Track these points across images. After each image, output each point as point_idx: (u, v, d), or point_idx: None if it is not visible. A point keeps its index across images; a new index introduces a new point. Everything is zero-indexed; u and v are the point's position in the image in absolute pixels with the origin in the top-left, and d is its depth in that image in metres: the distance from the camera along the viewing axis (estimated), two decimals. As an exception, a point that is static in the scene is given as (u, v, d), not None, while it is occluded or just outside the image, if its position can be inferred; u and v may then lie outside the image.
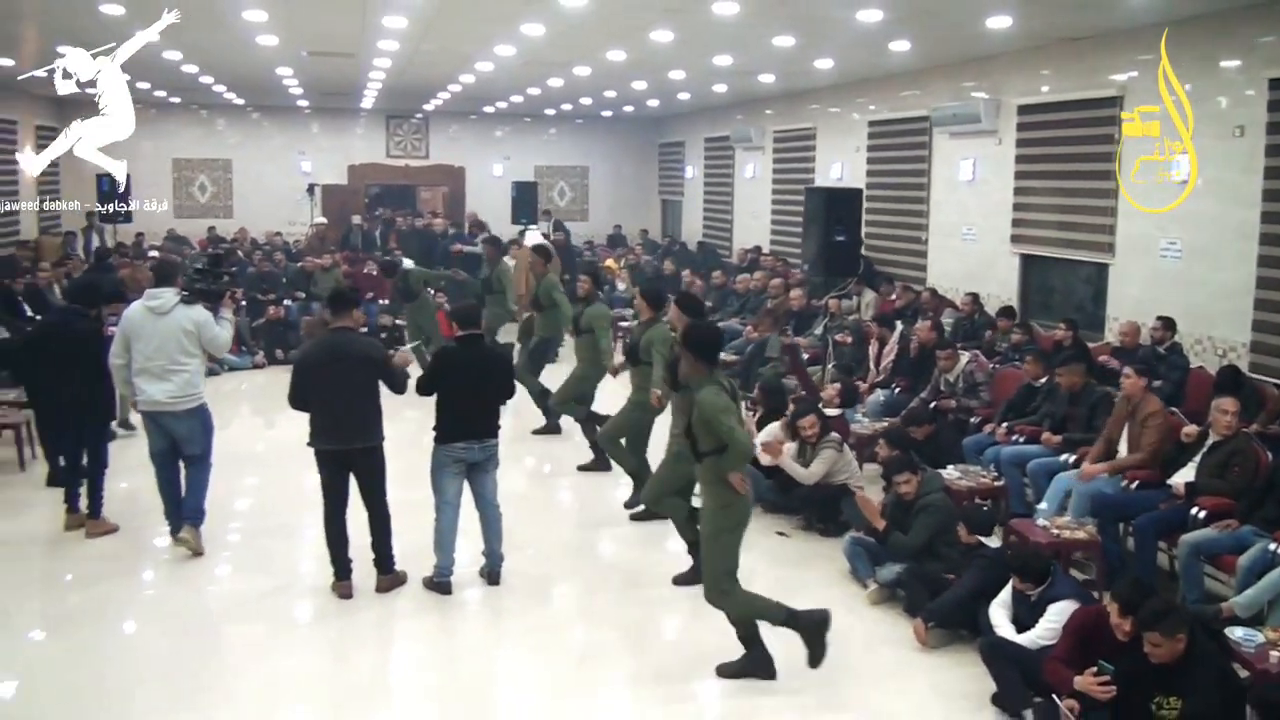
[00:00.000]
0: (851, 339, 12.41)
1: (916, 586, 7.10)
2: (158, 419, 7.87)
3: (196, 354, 7.82)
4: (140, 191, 22.65)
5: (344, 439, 7.14)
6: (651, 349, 8.68)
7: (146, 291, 7.92)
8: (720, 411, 5.86)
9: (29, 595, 7.49)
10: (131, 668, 6.39)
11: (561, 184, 27.22)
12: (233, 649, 6.71)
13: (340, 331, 7.26)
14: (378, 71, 17.37)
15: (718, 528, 6.13)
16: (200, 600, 7.44)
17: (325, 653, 6.69)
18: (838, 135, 17.62)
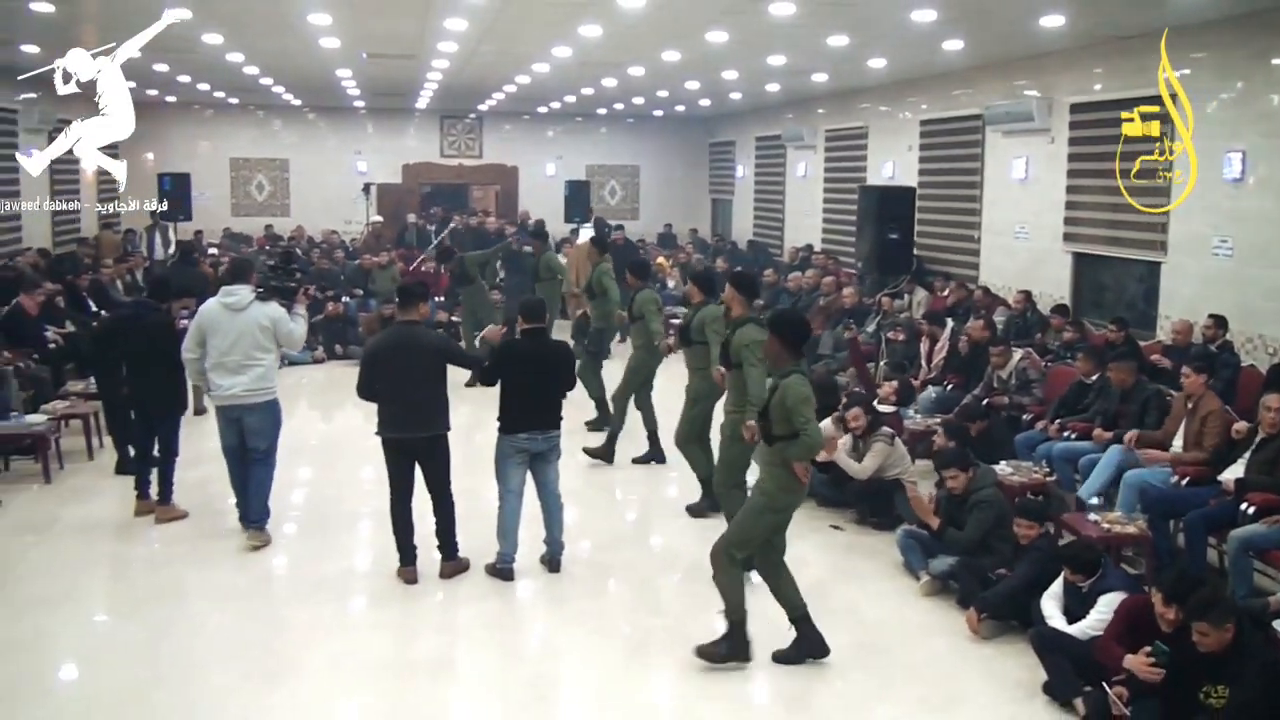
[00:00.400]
0: (904, 336, 12.51)
1: (969, 579, 7.22)
2: (230, 412, 8.08)
3: (271, 349, 8.05)
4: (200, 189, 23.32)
5: (411, 428, 7.36)
6: (705, 328, 8.85)
7: (222, 289, 8.13)
8: (802, 401, 6.03)
9: (99, 578, 7.82)
10: (202, 647, 6.63)
11: (612, 183, 27.43)
12: (300, 629, 6.93)
13: (408, 325, 7.49)
14: (435, 72, 17.68)
15: (764, 505, 6.30)
16: (267, 584, 7.71)
17: (390, 634, 6.90)
18: (890, 134, 17.69)
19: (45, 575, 7.76)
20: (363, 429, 11.73)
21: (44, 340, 12.52)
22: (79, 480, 10.00)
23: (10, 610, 7.15)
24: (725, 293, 8.10)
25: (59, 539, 8.57)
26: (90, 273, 15.84)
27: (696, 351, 9.00)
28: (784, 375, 6.21)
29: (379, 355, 7.43)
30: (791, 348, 6.30)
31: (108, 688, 6.15)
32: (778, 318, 6.56)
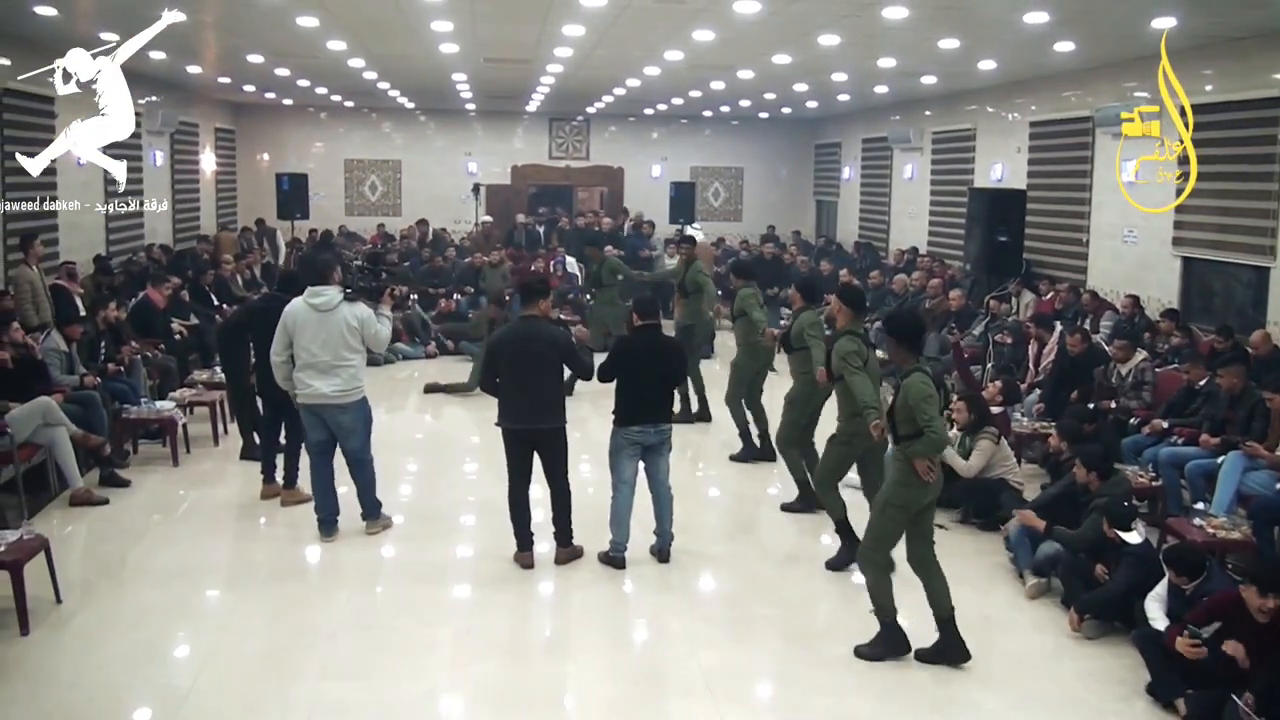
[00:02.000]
0: (1011, 339, 12.54)
1: (1073, 580, 7.30)
2: (319, 412, 8.17)
3: (360, 350, 8.17)
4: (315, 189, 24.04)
5: (532, 419, 7.65)
6: (804, 334, 8.96)
7: (308, 289, 8.19)
8: (924, 399, 6.20)
9: (227, 554, 8.28)
10: (329, 620, 6.99)
11: (716, 185, 27.58)
12: (422, 608, 7.25)
13: (530, 319, 7.77)
14: (548, 77, 18.01)
15: (889, 500, 6.47)
16: (388, 566, 8.05)
17: (507, 615, 7.22)
18: (997, 135, 17.62)
19: (176, 550, 8.20)
20: (470, 421, 12.27)
21: (170, 331, 13.14)
22: (205, 465, 10.49)
23: (145, 580, 7.60)
24: (832, 304, 8.23)
25: (188, 518, 9.07)
26: (211, 269, 16.45)
27: (798, 357, 9.11)
28: (906, 375, 6.38)
29: (502, 348, 7.72)
30: (909, 346, 6.48)
31: (241, 653, 6.55)
32: (891, 319, 6.76)
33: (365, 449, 8.39)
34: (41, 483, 9.39)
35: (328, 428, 8.23)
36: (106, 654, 6.47)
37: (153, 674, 6.28)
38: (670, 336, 8.37)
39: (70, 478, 9.15)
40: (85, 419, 9.66)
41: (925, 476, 6.30)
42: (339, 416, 8.17)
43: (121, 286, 14.42)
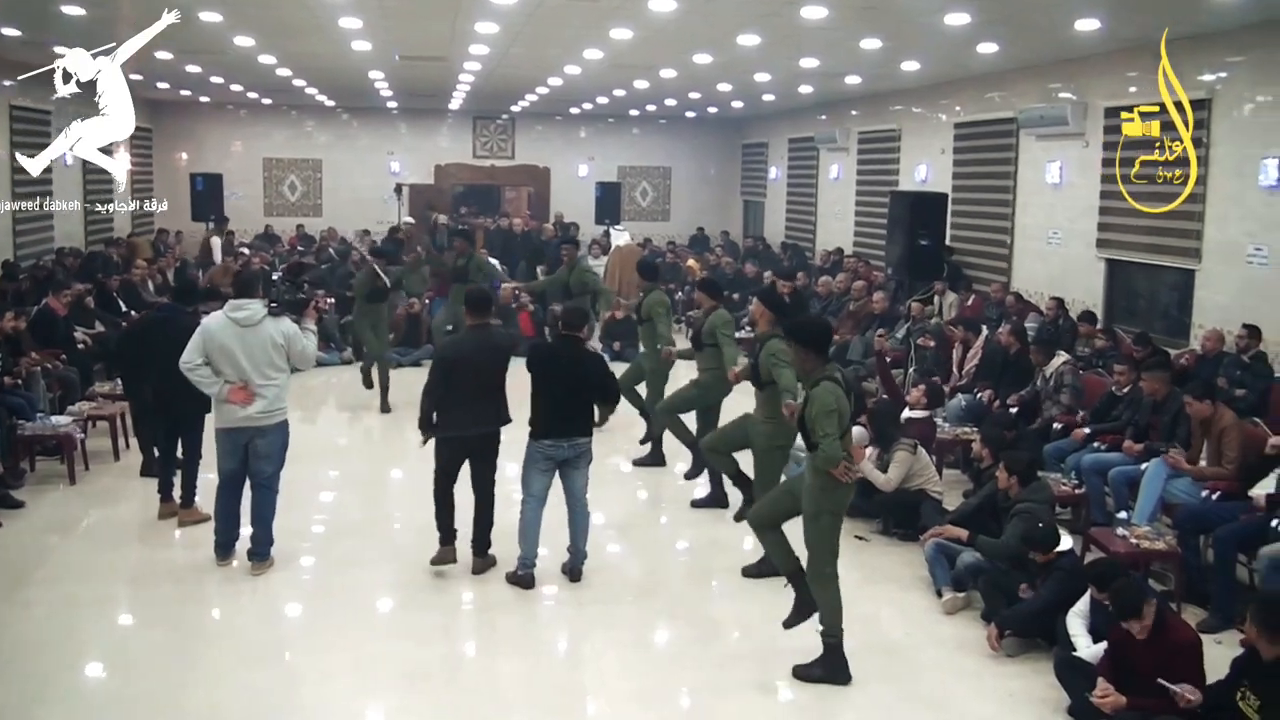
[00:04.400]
0: (934, 342, 12.40)
1: (994, 594, 7.11)
2: (240, 436, 7.62)
3: (285, 368, 7.67)
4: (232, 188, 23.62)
5: (477, 425, 7.53)
6: (715, 333, 9.03)
7: (229, 303, 7.63)
8: (823, 414, 6.00)
9: (125, 581, 7.80)
10: (227, 650, 6.62)
11: (644, 184, 27.37)
12: (325, 633, 6.93)
13: (479, 329, 7.66)
14: (467, 74, 17.70)
15: (819, 508, 6.29)
16: (289, 587, 7.68)
17: (411, 638, 6.86)
18: (923, 136, 17.56)
19: (69, 577, 7.76)
20: (387, 431, 11.91)
21: (73, 341, 12.59)
22: (104, 482, 10.03)
23: (36, 611, 7.16)
24: (753, 307, 8.12)
25: (82, 540, 8.62)
26: (119, 274, 15.89)
27: (708, 354, 9.18)
28: (815, 384, 6.18)
29: (456, 359, 7.54)
30: (815, 353, 6.26)
31: (137, 690, 6.16)
32: (794, 326, 6.55)
33: (276, 478, 7.87)
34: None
35: (243, 456, 7.72)
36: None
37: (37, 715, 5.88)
38: (592, 351, 8.01)
39: (-46, 499, 8.70)
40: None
41: (843, 479, 6.14)
42: (257, 439, 7.65)
43: (26, 293, 13.85)
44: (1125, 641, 5.70)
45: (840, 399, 6.08)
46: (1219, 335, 10.44)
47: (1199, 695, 5.31)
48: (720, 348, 8.97)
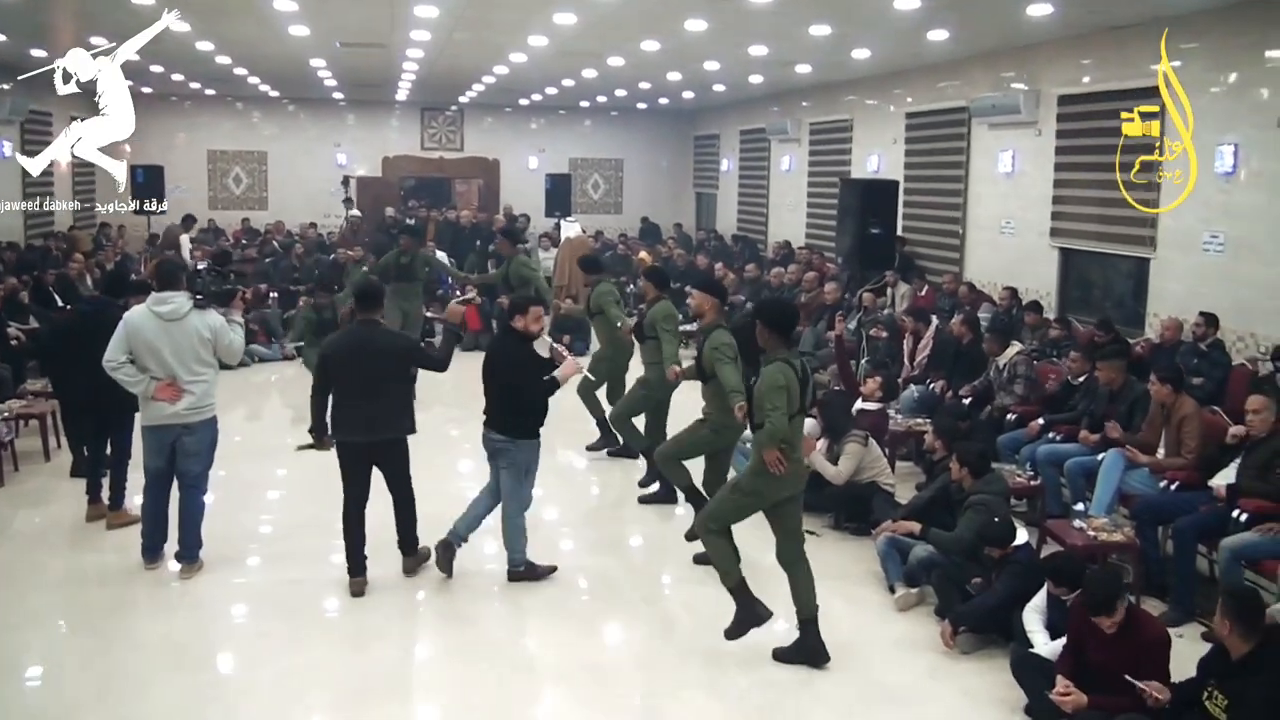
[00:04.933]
0: (886, 333, 12.20)
1: (948, 589, 6.91)
2: (166, 434, 7.28)
3: (213, 363, 7.32)
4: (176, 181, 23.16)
5: (370, 431, 7.00)
6: (656, 325, 8.87)
7: (152, 295, 7.27)
8: (773, 389, 5.94)
9: (52, 586, 7.41)
10: (153, 659, 6.30)
11: (595, 176, 27.10)
12: (253, 641, 6.65)
13: (367, 324, 7.09)
14: (411, 63, 17.38)
15: (739, 484, 6.35)
16: (222, 592, 7.32)
17: (346, 646, 6.56)
18: (875, 127, 17.40)
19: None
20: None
21: (4, 336, 12.15)
22: (34, 483, 9.64)
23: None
24: (695, 297, 7.87)
25: (6, 544, 8.22)
26: (54, 267, 15.41)
27: (650, 347, 9.03)
28: (769, 362, 6.10)
29: (335, 356, 7.03)
30: (779, 334, 6.16)
31: (54, 701, 5.87)
32: (761, 306, 6.50)
33: (204, 477, 7.53)
34: None
35: (169, 454, 7.36)
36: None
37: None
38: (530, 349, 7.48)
39: None
40: None
41: (772, 469, 6.02)
42: (184, 437, 7.29)
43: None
44: (1086, 637, 5.49)
45: (790, 378, 5.98)
46: (1177, 324, 10.33)
47: (1168, 694, 5.10)
48: (663, 341, 8.80)
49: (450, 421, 11.28)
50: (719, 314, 7.62)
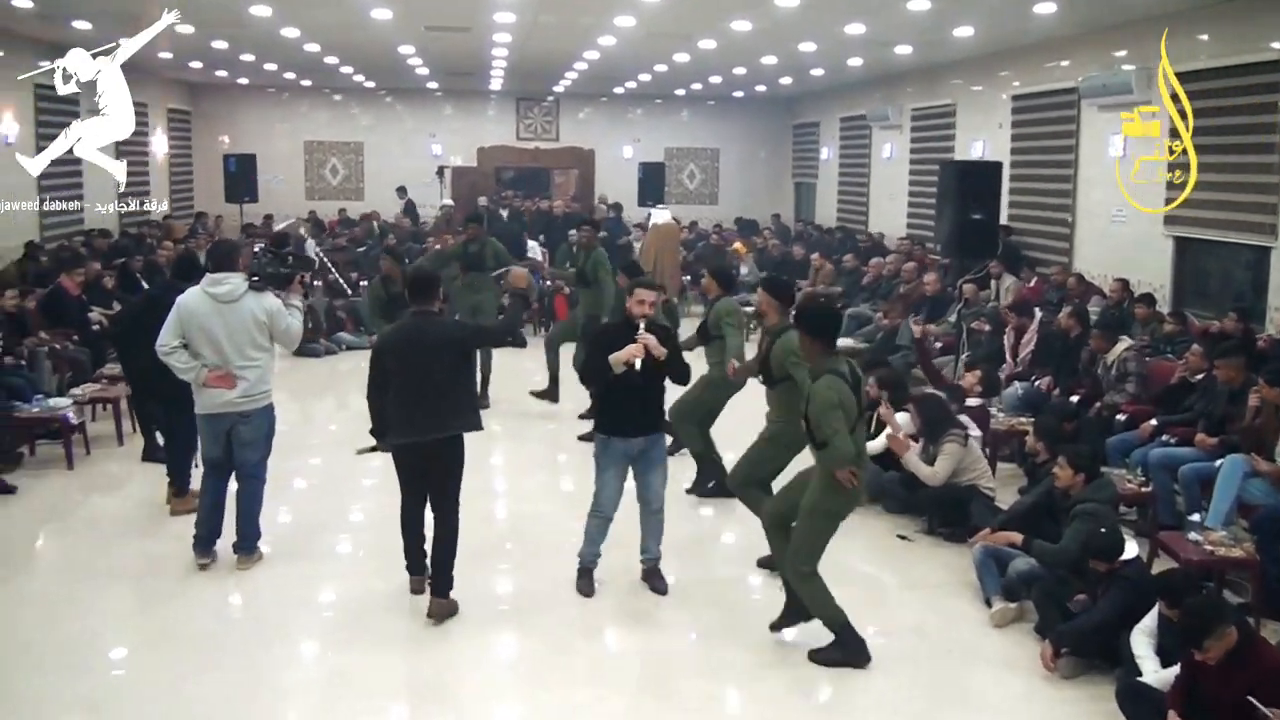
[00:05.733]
0: (989, 327, 11.54)
1: (1050, 606, 6.32)
2: (221, 422, 7.04)
3: (269, 347, 7.05)
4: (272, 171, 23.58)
5: (426, 429, 6.36)
6: (720, 322, 8.27)
7: (207, 277, 7.00)
8: (826, 409, 5.53)
9: (112, 574, 7.24)
10: (190, 654, 6.07)
11: (691, 166, 26.57)
12: (299, 639, 6.37)
13: (421, 315, 6.48)
14: (499, 48, 17.06)
15: (815, 505, 5.88)
16: (277, 585, 7.01)
17: (408, 646, 6.25)
18: (979, 112, 16.64)
19: (50, 571, 7.41)
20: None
21: (87, 321, 12.12)
22: (105, 467, 9.56)
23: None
24: (757, 297, 7.34)
25: (66, 531, 8.15)
26: (141, 254, 15.40)
27: (715, 347, 8.42)
28: (816, 377, 5.70)
29: (388, 351, 6.46)
30: (821, 341, 5.74)
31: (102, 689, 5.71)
32: (801, 312, 6.06)
33: (262, 466, 7.26)
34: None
35: (226, 442, 7.11)
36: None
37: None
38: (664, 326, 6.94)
39: (-69, 486, 8.33)
40: None
41: (847, 484, 5.66)
42: (241, 425, 7.04)
43: (47, 273, 13.41)
44: (1201, 666, 4.89)
45: (842, 391, 5.59)
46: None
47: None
48: (727, 338, 8.22)
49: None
50: (781, 316, 7.07)
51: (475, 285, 12.02)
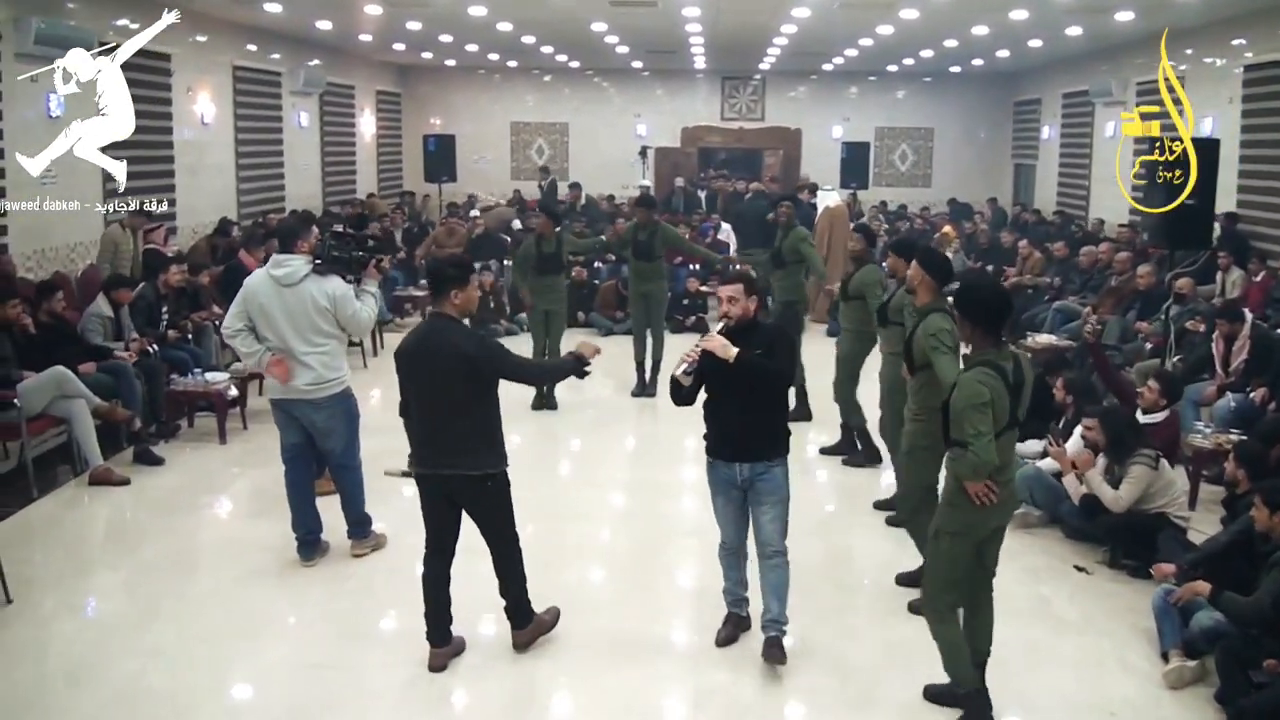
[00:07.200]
0: (1205, 326, 10.27)
1: (1234, 671, 5.34)
2: (290, 409, 6.78)
3: (335, 333, 6.72)
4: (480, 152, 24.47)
5: (440, 461, 5.49)
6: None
7: (273, 258, 6.82)
8: (972, 405, 4.69)
9: (209, 555, 7.27)
10: (285, 647, 5.68)
11: (903, 147, 25.40)
12: (398, 643, 5.95)
13: (436, 319, 5.51)
14: (693, 24, 16.57)
15: (940, 527, 5.05)
16: (393, 579, 6.71)
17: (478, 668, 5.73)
18: (1208, 84, 15.08)
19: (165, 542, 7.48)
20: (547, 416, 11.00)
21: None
22: (259, 442, 9.54)
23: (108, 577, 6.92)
24: (911, 271, 6.43)
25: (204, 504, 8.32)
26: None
27: (893, 333, 7.51)
28: (970, 365, 4.85)
29: (401, 360, 5.53)
30: (985, 328, 4.84)
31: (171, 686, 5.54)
32: (962, 291, 5.04)
33: (350, 453, 6.95)
34: (65, 459, 8.96)
35: (303, 428, 6.85)
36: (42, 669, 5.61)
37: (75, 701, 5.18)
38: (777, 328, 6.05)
39: (89, 454, 8.50)
40: (118, 390, 9.02)
41: (977, 501, 4.81)
42: (313, 414, 6.75)
43: (237, 249, 13.58)
44: None
45: (995, 389, 4.70)
46: None
47: None
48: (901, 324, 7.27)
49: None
50: (935, 295, 6.19)
51: (645, 274, 11.48)
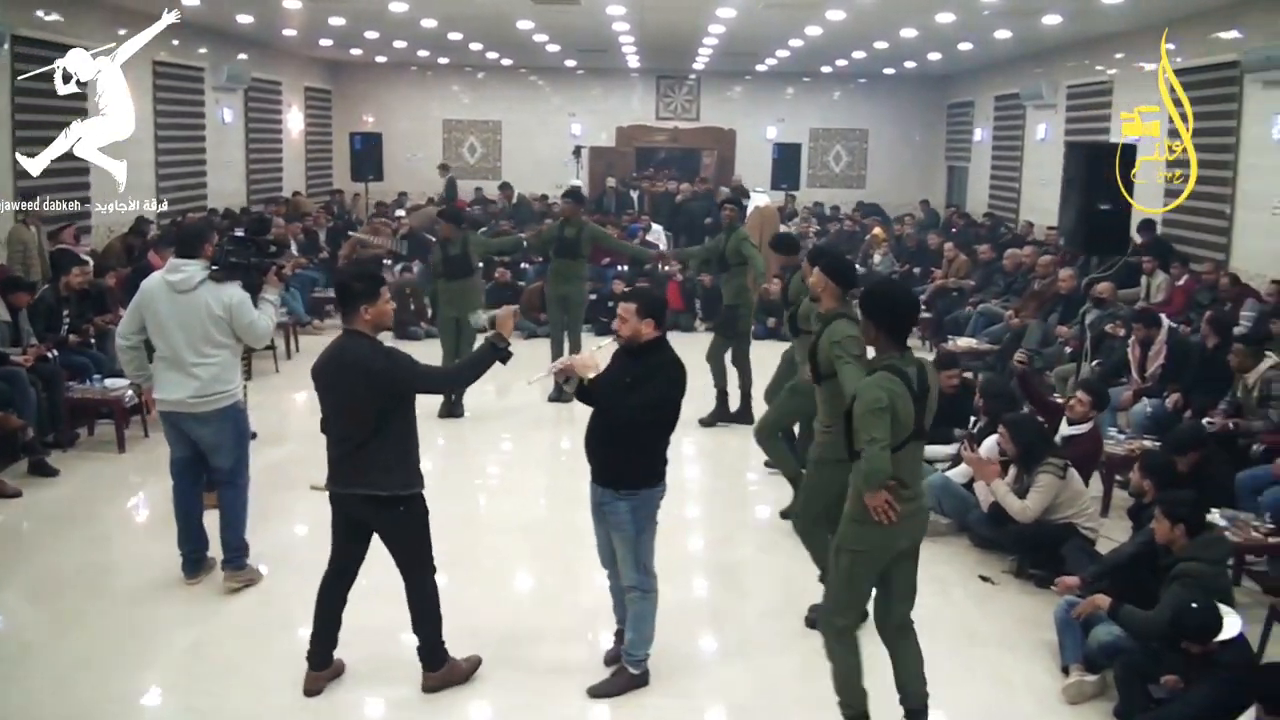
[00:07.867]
0: (1125, 331, 10.18)
1: (1133, 687, 5.21)
2: (177, 422, 6.42)
3: (228, 343, 6.34)
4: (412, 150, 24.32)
5: (348, 481, 5.24)
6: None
7: (169, 262, 6.46)
8: (870, 411, 4.47)
9: (98, 575, 6.65)
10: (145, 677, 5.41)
11: (838, 148, 25.36)
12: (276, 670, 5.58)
13: (348, 335, 5.23)
14: (620, 22, 16.38)
15: (840, 541, 4.83)
16: (267, 608, 6.36)
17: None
18: (1136, 89, 15.09)
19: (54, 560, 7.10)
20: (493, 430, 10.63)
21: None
22: (159, 451, 8.57)
23: None
24: (814, 278, 6.20)
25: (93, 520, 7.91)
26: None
27: (805, 342, 7.03)
28: (871, 370, 4.67)
29: (315, 376, 5.28)
30: (890, 332, 4.66)
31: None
32: (867, 295, 4.85)
33: (238, 472, 6.58)
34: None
35: (191, 442, 6.49)
36: None
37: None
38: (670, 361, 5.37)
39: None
40: (11, 398, 8.64)
41: (876, 516, 4.56)
42: (199, 428, 6.39)
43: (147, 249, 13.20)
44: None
45: (896, 394, 4.49)
46: None
47: None
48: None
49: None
50: (838, 300, 5.99)
51: (565, 275, 11.20)
